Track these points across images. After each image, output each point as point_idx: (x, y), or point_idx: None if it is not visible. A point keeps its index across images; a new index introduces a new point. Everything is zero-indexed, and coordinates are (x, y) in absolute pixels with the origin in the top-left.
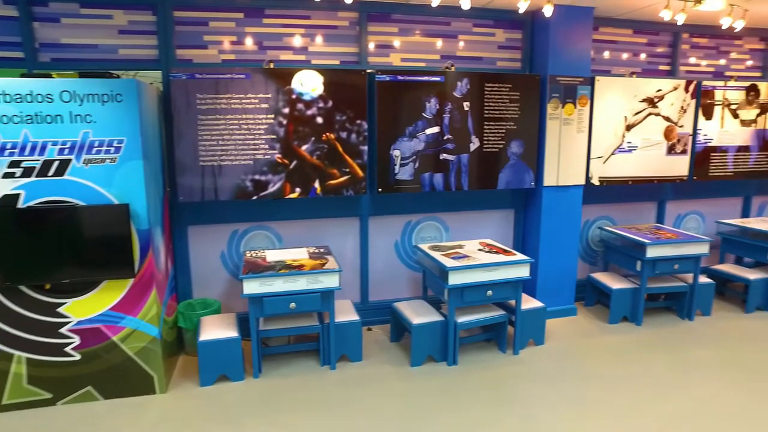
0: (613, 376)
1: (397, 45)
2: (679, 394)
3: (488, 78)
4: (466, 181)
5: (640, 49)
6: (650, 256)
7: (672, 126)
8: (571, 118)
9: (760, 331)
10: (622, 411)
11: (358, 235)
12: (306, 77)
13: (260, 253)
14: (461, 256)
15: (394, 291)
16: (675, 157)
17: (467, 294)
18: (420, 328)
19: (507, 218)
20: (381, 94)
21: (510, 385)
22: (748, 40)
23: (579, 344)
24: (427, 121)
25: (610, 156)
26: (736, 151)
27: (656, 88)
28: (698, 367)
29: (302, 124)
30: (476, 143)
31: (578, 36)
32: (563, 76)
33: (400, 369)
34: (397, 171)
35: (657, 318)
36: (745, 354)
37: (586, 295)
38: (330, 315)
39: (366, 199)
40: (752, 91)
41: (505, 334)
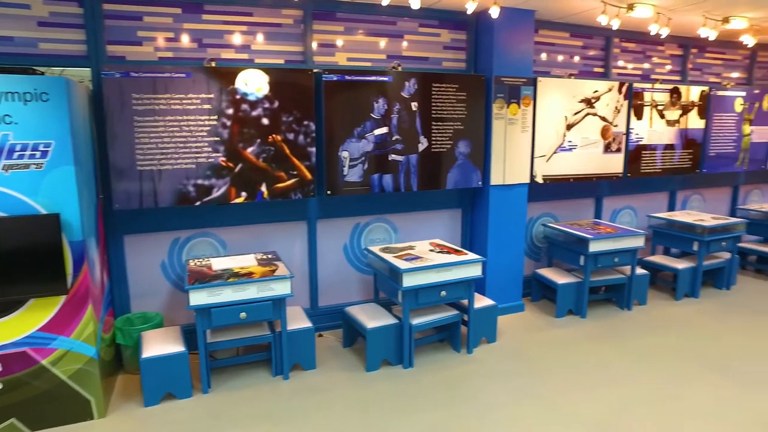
0: (565, 369)
1: (343, 44)
2: (627, 381)
3: (435, 78)
4: (416, 181)
5: (576, 52)
6: (593, 250)
7: (608, 125)
8: (516, 118)
9: (691, 317)
10: (575, 402)
11: (306, 239)
12: (250, 77)
13: (205, 261)
14: (414, 257)
15: (344, 295)
16: (611, 155)
17: (421, 295)
18: (374, 332)
19: (455, 218)
20: (328, 94)
21: (466, 384)
22: (669, 46)
23: (529, 340)
24: (375, 122)
25: (552, 155)
26: (663, 149)
27: (593, 89)
28: (641, 354)
29: (247, 125)
30: (425, 143)
31: (521, 38)
32: (507, 77)
33: (355, 375)
34: (346, 173)
35: (599, 310)
36: (681, 339)
37: (532, 290)
38: (282, 323)
39: (314, 202)
40: (675, 94)
41: (458, 334)
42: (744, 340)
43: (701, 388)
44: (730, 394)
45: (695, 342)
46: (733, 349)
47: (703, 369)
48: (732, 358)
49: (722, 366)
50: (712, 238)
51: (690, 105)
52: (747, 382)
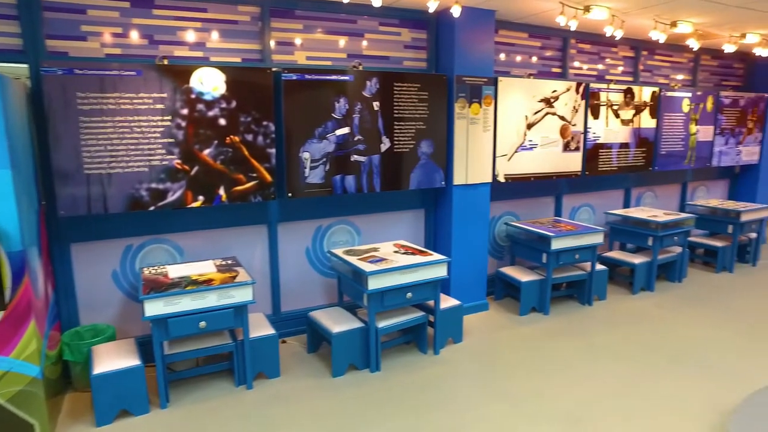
0: (532, 366)
1: (302, 43)
2: (593, 376)
3: (397, 77)
4: (378, 182)
5: (534, 52)
6: (555, 248)
7: (567, 125)
8: (478, 118)
9: (648, 310)
10: (544, 398)
11: (266, 243)
12: (206, 75)
13: (161, 269)
14: (378, 259)
15: (307, 299)
16: (570, 154)
17: (387, 298)
18: (340, 336)
19: (418, 218)
20: (288, 93)
21: (435, 386)
22: (622, 48)
23: (495, 338)
24: (336, 122)
25: (513, 154)
26: (618, 148)
27: (552, 89)
28: (604, 348)
29: (203, 126)
30: (387, 144)
31: (482, 37)
32: (469, 76)
33: (321, 381)
34: (307, 174)
35: (561, 306)
36: (641, 332)
37: (495, 289)
38: (244, 331)
39: (274, 204)
40: (628, 94)
41: (425, 335)
42: (698, 330)
43: (663, 378)
44: (690, 383)
45: (654, 334)
46: (689, 339)
47: (663, 360)
48: (689, 348)
49: (681, 356)
50: (665, 233)
51: (642, 105)
52: (704, 371)
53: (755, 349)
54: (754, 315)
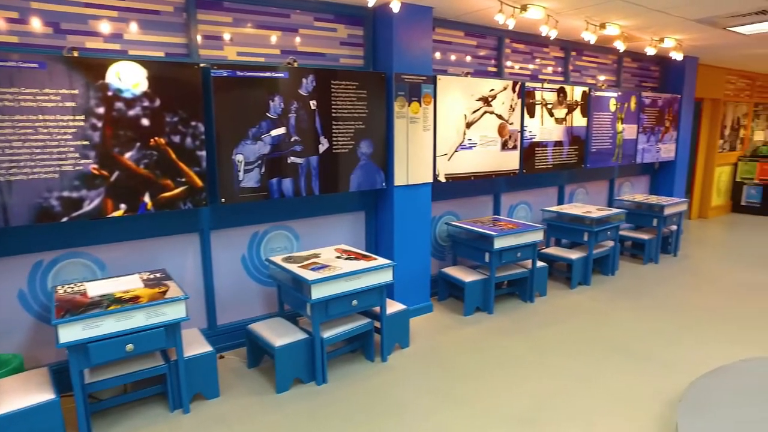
0: (481, 367)
1: (232, 37)
2: (541, 372)
3: (335, 75)
4: (317, 185)
5: (470, 51)
6: (498, 247)
7: (504, 123)
8: (417, 117)
9: (586, 303)
10: (497, 399)
11: (198, 252)
12: (125, 70)
13: (78, 286)
14: (321, 266)
15: (245, 311)
16: (508, 153)
17: (332, 306)
18: (283, 350)
19: (358, 221)
20: (218, 91)
21: (385, 394)
22: (553, 48)
23: (442, 341)
24: (272, 122)
25: (454, 153)
26: (553, 146)
27: (489, 88)
28: (550, 343)
29: (124, 126)
30: (325, 144)
31: (420, 35)
32: (408, 75)
33: (265, 398)
34: (241, 178)
35: (504, 304)
36: (582, 325)
37: (438, 290)
38: (177, 350)
39: (206, 211)
40: (561, 93)
41: (371, 342)
42: (635, 321)
43: (608, 371)
44: (633, 374)
45: (595, 327)
46: (628, 331)
47: (606, 352)
48: (628, 340)
49: (622, 348)
50: (599, 228)
51: (574, 104)
52: (645, 361)
53: (688, 338)
54: (682, 304)
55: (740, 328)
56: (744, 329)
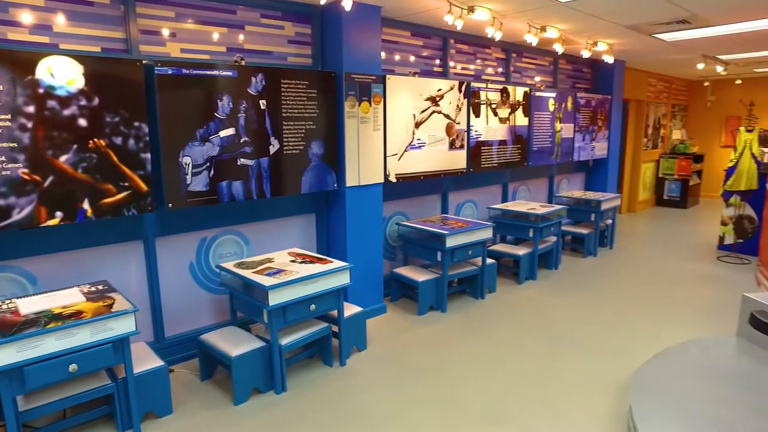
0: (439, 366)
1: (175, 33)
2: (498, 367)
3: (285, 74)
4: (269, 187)
5: (417, 51)
6: (450, 245)
7: (452, 123)
8: (368, 117)
9: (535, 297)
10: (458, 396)
11: (143, 261)
12: (58, 65)
13: (8, 304)
14: (276, 271)
15: (195, 320)
16: (455, 152)
17: (290, 312)
18: (240, 360)
19: (309, 223)
20: (163, 90)
21: (347, 399)
22: (495, 50)
23: (399, 341)
24: (220, 122)
25: (403, 153)
26: (498, 145)
27: (437, 88)
28: (504, 338)
29: (58, 127)
30: (276, 145)
31: (369, 34)
32: (358, 74)
33: (223, 412)
34: (189, 181)
35: (456, 302)
36: (533, 319)
37: (391, 290)
38: (126, 367)
39: (150, 217)
40: (504, 93)
41: (329, 347)
42: (581, 313)
43: (561, 362)
44: (585, 363)
45: (545, 319)
46: (575, 320)
47: (558, 344)
48: (576, 331)
49: (571, 339)
50: (544, 224)
51: (516, 104)
52: (593, 350)
53: (631, 325)
54: (622, 293)
55: (676, 312)
56: (679, 313)
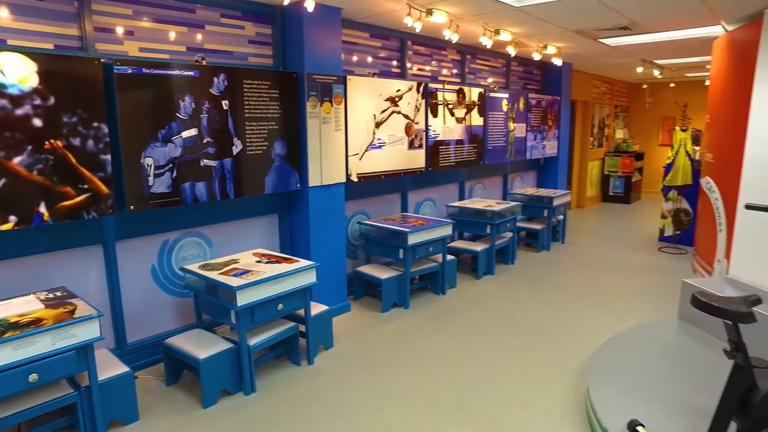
0: (406, 360)
1: (133, 31)
2: (463, 359)
3: (247, 74)
4: (232, 188)
5: (376, 52)
6: (411, 242)
7: (411, 123)
8: (329, 117)
9: (493, 291)
10: (425, 388)
11: (103, 266)
12: (9, 63)
13: None
14: (242, 271)
15: (158, 325)
16: (414, 151)
17: (258, 312)
18: (209, 362)
19: (271, 224)
20: (123, 90)
21: (317, 397)
22: (450, 51)
23: (365, 339)
24: (182, 123)
25: (364, 153)
26: (455, 144)
27: (396, 89)
28: (467, 331)
29: (10, 127)
30: (239, 146)
31: (330, 35)
32: (319, 74)
33: (191, 415)
34: (151, 183)
35: (418, 298)
36: (493, 312)
37: (354, 289)
38: (91, 374)
39: (110, 220)
40: (461, 94)
41: (297, 346)
42: (537, 304)
43: (522, 352)
44: (544, 352)
45: (504, 312)
46: (533, 312)
47: (518, 335)
48: (534, 322)
49: (530, 330)
50: (500, 221)
51: (472, 104)
52: (551, 339)
53: (585, 314)
54: (575, 285)
55: (624, 300)
56: (627, 301)
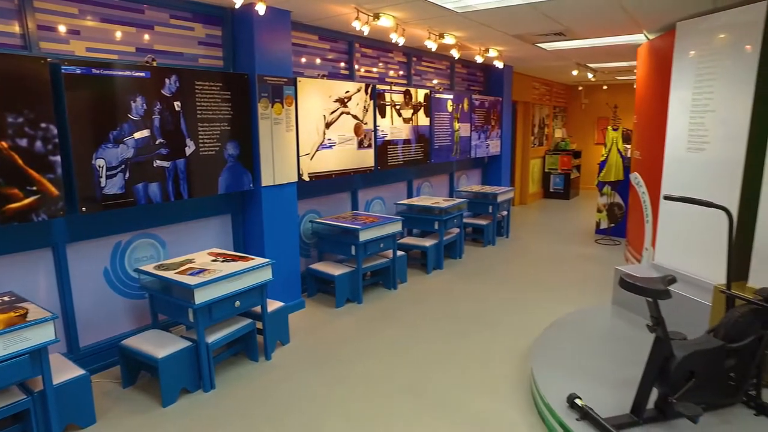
0: (361, 352)
1: (79, 31)
2: (415, 349)
3: (198, 75)
4: (186, 188)
5: (324, 54)
6: (363, 239)
7: (359, 123)
8: (280, 118)
9: (443, 285)
10: (381, 376)
11: (52, 269)
12: None
13: None
14: (199, 270)
15: (112, 328)
16: (364, 151)
17: (216, 310)
18: (168, 360)
19: (224, 224)
20: (71, 90)
21: (276, 390)
22: (396, 54)
23: (321, 333)
24: (134, 124)
25: (315, 152)
26: (402, 144)
27: (345, 90)
28: (417, 323)
29: None
30: (192, 147)
31: (280, 37)
32: (270, 76)
33: (151, 415)
34: (103, 184)
35: (371, 293)
36: (443, 304)
37: (308, 286)
38: (45, 378)
39: (60, 223)
40: (407, 95)
41: (254, 343)
42: (484, 296)
43: (470, 338)
44: (491, 339)
45: (453, 303)
46: (480, 302)
47: (466, 325)
48: (481, 311)
49: (477, 319)
50: (447, 217)
51: (418, 105)
52: (497, 327)
53: (528, 303)
54: (519, 276)
55: (563, 289)
56: (566, 289)
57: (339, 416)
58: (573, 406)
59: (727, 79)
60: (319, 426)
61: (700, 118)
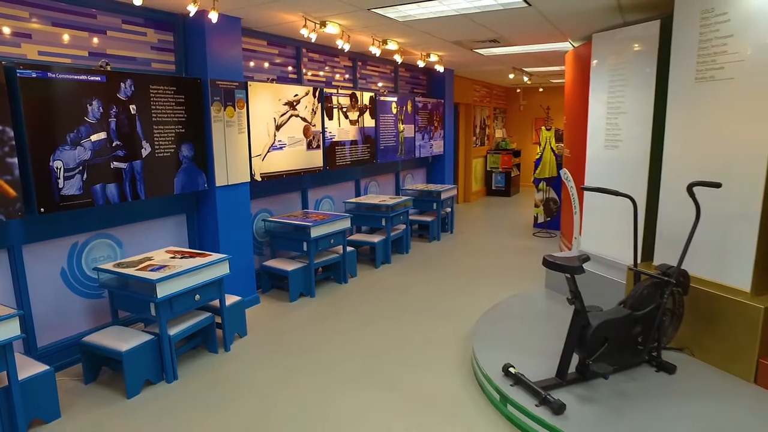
0: (315, 342)
1: (31, 34)
2: (367, 337)
3: (153, 80)
4: (142, 189)
5: (273, 59)
6: (314, 236)
7: (308, 125)
8: (233, 120)
9: (391, 278)
10: (334, 365)
11: (8, 271)
12: None
13: None
14: (159, 266)
15: (70, 327)
16: (313, 152)
17: (177, 303)
18: (132, 353)
19: (179, 224)
20: (27, 93)
21: (236, 378)
22: (342, 58)
23: (276, 326)
24: (91, 126)
25: (266, 154)
26: (350, 145)
27: (294, 93)
28: (368, 314)
29: None
30: (148, 149)
31: (231, 43)
32: (222, 80)
33: (116, 407)
34: (61, 185)
35: (323, 287)
36: (391, 296)
37: (262, 282)
38: (10, 374)
39: (16, 224)
40: (353, 98)
41: (213, 335)
42: (429, 287)
43: (419, 326)
44: (436, 325)
45: (401, 295)
46: (426, 293)
47: (414, 312)
48: (427, 301)
49: (423, 308)
50: (394, 214)
51: (364, 107)
52: (442, 314)
53: (471, 291)
54: (463, 268)
55: (503, 277)
56: (506, 278)
57: (294, 401)
58: (507, 374)
59: (635, 84)
60: (276, 409)
61: (614, 119)
